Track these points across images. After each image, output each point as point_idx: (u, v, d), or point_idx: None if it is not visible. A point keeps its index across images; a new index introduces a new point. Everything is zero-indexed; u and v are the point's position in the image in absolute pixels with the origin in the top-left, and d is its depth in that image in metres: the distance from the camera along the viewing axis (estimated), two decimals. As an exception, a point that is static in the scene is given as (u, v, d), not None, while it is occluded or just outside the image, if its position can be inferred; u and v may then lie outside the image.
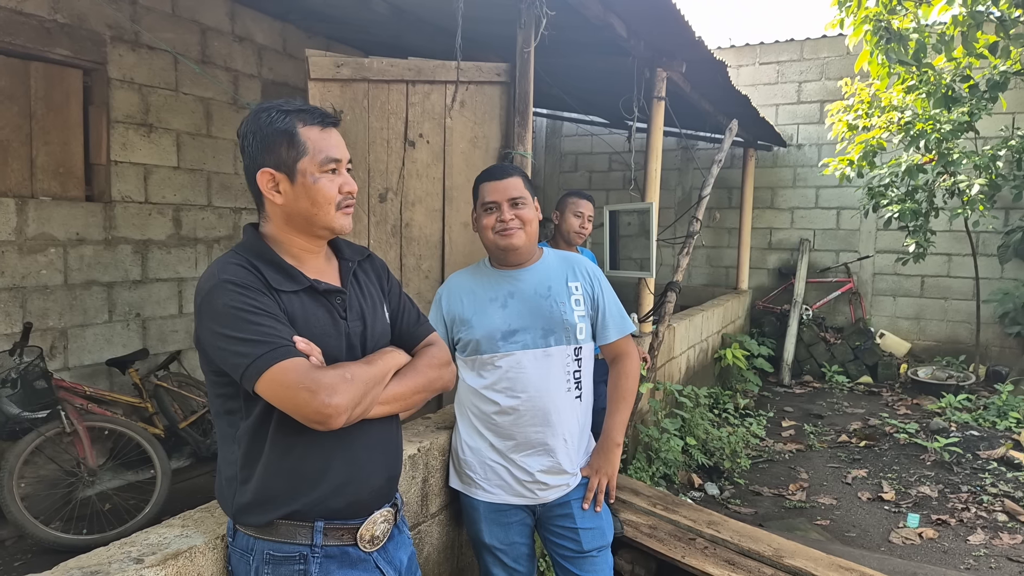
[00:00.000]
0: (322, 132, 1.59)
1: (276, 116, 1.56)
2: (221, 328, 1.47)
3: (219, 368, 1.53)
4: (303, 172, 1.56)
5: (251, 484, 1.56)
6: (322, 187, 1.57)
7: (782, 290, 9.66)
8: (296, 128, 1.56)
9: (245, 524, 1.60)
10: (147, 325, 5.47)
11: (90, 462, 4.14)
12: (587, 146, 10.92)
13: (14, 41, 4.52)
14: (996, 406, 6.92)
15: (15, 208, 4.59)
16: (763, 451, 6.07)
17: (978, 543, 4.37)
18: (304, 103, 1.61)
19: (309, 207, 1.58)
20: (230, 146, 5.99)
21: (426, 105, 3.40)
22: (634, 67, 4.83)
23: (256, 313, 1.47)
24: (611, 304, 2.48)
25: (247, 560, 1.60)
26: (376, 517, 1.69)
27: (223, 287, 1.48)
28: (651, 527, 3.23)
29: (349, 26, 6.08)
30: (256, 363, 1.43)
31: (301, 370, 1.44)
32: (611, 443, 2.48)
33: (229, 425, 1.60)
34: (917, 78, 6.50)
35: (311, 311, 1.59)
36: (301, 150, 1.55)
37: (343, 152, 1.62)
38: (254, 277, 1.52)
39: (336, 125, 1.64)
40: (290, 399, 1.44)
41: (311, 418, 1.45)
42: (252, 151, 1.58)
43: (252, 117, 1.59)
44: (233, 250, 1.61)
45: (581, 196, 3.76)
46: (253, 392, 1.47)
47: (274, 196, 1.58)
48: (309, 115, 1.58)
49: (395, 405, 1.67)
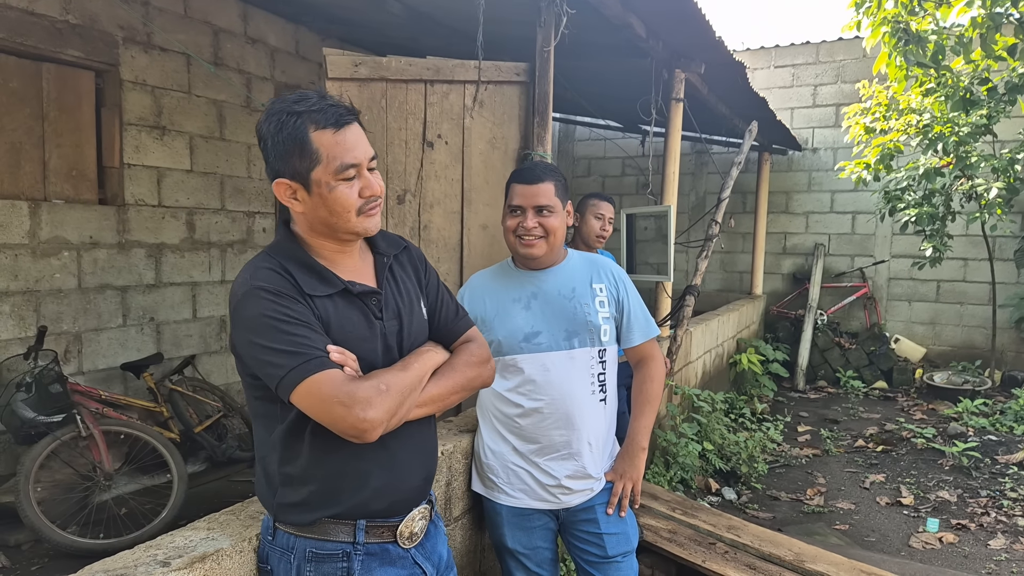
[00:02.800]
0: (336, 135, 1.47)
1: (287, 120, 1.46)
2: (255, 337, 1.44)
3: (255, 372, 1.51)
4: (318, 182, 1.48)
5: (291, 487, 1.56)
6: (339, 196, 1.49)
7: (797, 295, 9.60)
8: (308, 134, 1.46)
9: (286, 523, 1.59)
10: (161, 329, 5.45)
11: (106, 466, 4.12)
12: (600, 151, 10.90)
13: (25, 42, 4.51)
14: (1013, 411, 6.87)
15: (28, 211, 4.58)
16: (780, 456, 6.02)
17: (999, 548, 4.34)
18: (319, 99, 1.49)
19: (328, 216, 1.51)
20: (243, 149, 5.98)
21: (444, 105, 3.37)
22: (652, 68, 4.80)
23: (289, 322, 1.44)
24: (636, 307, 2.45)
25: (288, 559, 1.59)
26: (415, 514, 1.69)
27: (256, 294, 1.45)
28: (671, 532, 3.18)
29: (363, 28, 6.07)
30: (290, 375, 1.41)
31: (336, 383, 1.41)
32: (636, 447, 2.44)
33: (266, 428, 1.59)
34: (935, 81, 6.45)
35: (345, 315, 1.56)
36: (314, 159, 1.46)
37: (362, 153, 1.52)
38: (287, 282, 1.49)
39: (353, 121, 1.53)
40: (325, 413, 1.42)
41: (347, 432, 1.43)
42: (269, 157, 1.52)
43: (266, 119, 1.50)
44: (266, 251, 1.57)
45: (602, 198, 3.73)
46: (288, 403, 1.45)
47: (293, 205, 1.53)
48: (322, 115, 1.47)
49: (432, 407, 1.64)
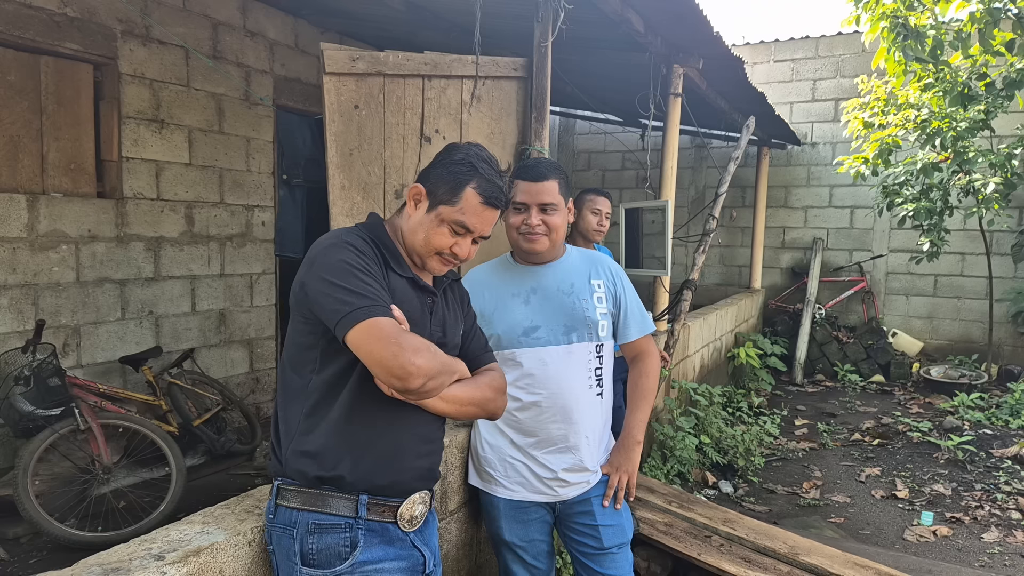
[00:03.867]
0: (481, 206, 1.68)
1: (468, 168, 1.68)
2: (331, 276, 1.55)
3: (312, 317, 1.61)
4: (439, 214, 1.68)
5: (311, 436, 1.65)
6: (437, 234, 1.69)
7: (795, 289, 9.62)
8: (466, 187, 1.67)
9: (293, 472, 1.66)
10: (160, 323, 5.46)
11: (104, 459, 4.13)
12: (600, 144, 10.90)
13: (23, 35, 4.50)
14: (1009, 405, 6.90)
15: (26, 204, 4.58)
16: (777, 449, 6.05)
17: (992, 541, 4.37)
18: (498, 176, 1.71)
19: (420, 239, 1.70)
20: (242, 143, 5.98)
21: (442, 100, 3.37)
22: (650, 63, 4.80)
23: (366, 273, 1.58)
24: (632, 303, 2.48)
25: (290, 534, 1.64)
26: (415, 498, 1.75)
27: (343, 246, 1.61)
28: (667, 524, 3.20)
29: (363, 22, 6.06)
30: (355, 312, 1.50)
31: (394, 329, 1.52)
32: (631, 441, 2.47)
33: (300, 376, 1.68)
34: (933, 76, 6.47)
35: (408, 296, 1.70)
36: (452, 201, 1.67)
37: (480, 230, 1.71)
38: (371, 250, 1.65)
39: (500, 210, 1.74)
40: (378, 351, 1.49)
41: (394, 372, 1.50)
42: (435, 168, 1.73)
43: (463, 152, 1.72)
44: (357, 225, 1.76)
45: (599, 193, 3.73)
46: (343, 342, 1.53)
47: (411, 207, 1.73)
48: (485, 188, 1.68)
49: (451, 407, 1.72)
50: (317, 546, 1.61)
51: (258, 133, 6.12)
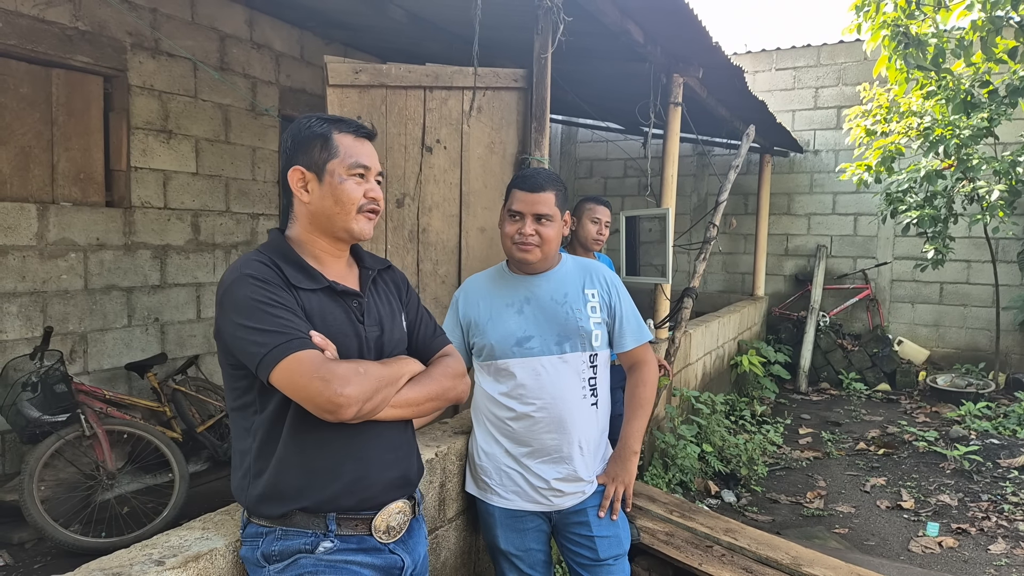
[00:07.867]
0: (355, 140, 1.67)
1: (315, 122, 1.67)
2: (241, 319, 1.51)
3: (236, 361, 1.57)
4: (331, 172, 1.63)
5: (264, 477, 1.60)
6: (347, 188, 1.64)
7: (799, 296, 9.61)
8: (332, 133, 1.65)
9: (259, 515, 1.62)
10: (166, 330, 5.51)
11: (109, 465, 4.16)
12: (602, 152, 10.93)
13: (36, 48, 4.59)
14: (1017, 414, 6.85)
15: (36, 213, 4.64)
16: (780, 458, 6.02)
17: (999, 552, 4.32)
18: (344, 118, 1.71)
19: (332, 206, 1.64)
20: (248, 152, 6.04)
21: (443, 111, 3.41)
22: (650, 73, 4.83)
23: (275, 306, 1.52)
24: (628, 312, 2.48)
25: (256, 544, 1.62)
26: (392, 508, 1.71)
27: (245, 280, 1.54)
28: (668, 534, 3.20)
29: (367, 33, 6.11)
30: (272, 352, 1.47)
31: (316, 361, 1.48)
32: (628, 451, 2.47)
33: (244, 419, 1.64)
34: (936, 83, 6.46)
35: (328, 309, 1.64)
36: (332, 152, 1.64)
37: (374, 162, 1.69)
38: (275, 274, 1.58)
39: (371, 139, 1.72)
40: (303, 388, 1.47)
41: (323, 407, 1.48)
42: (288, 152, 1.67)
43: (294, 124, 1.70)
44: (257, 250, 1.68)
45: (598, 202, 3.75)
46: (268, 383, 1.50)
47: (302, 194, 1.65)
48: (346, 124, 1.67)
49: (407, 410, 1.69)
50: (279, 548, 1.59)
51: (263, 143, 6.18)
